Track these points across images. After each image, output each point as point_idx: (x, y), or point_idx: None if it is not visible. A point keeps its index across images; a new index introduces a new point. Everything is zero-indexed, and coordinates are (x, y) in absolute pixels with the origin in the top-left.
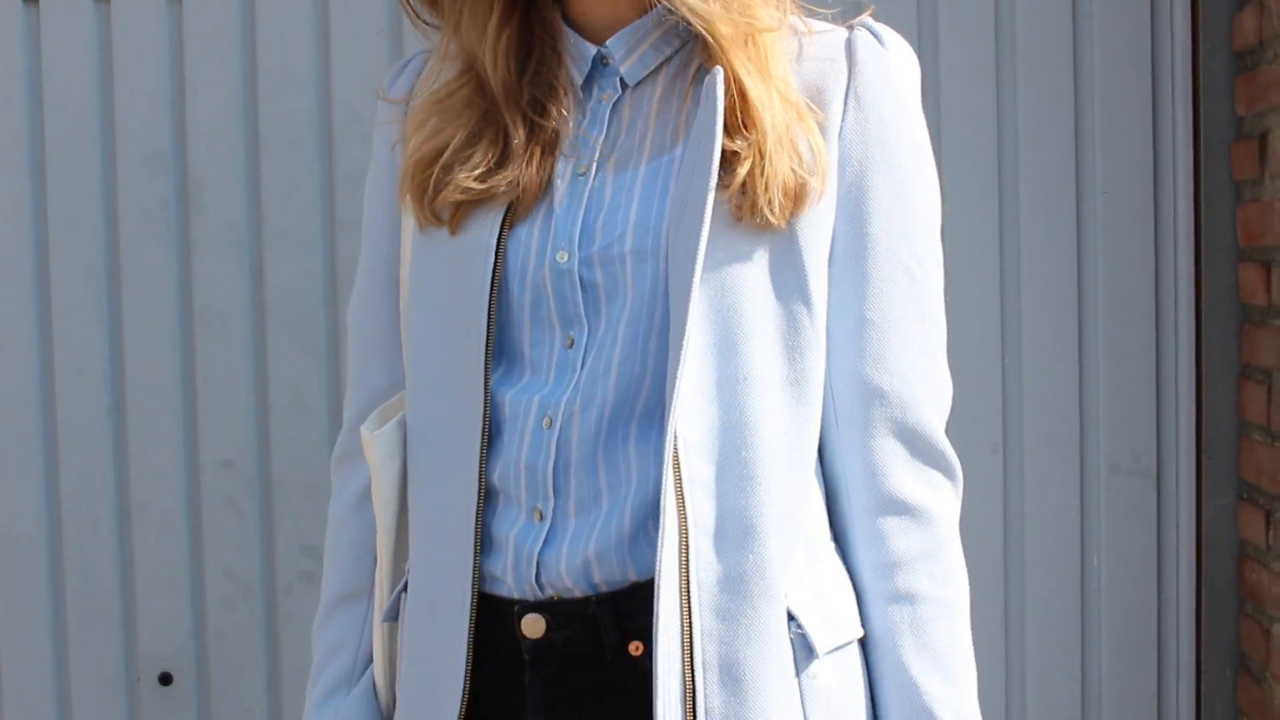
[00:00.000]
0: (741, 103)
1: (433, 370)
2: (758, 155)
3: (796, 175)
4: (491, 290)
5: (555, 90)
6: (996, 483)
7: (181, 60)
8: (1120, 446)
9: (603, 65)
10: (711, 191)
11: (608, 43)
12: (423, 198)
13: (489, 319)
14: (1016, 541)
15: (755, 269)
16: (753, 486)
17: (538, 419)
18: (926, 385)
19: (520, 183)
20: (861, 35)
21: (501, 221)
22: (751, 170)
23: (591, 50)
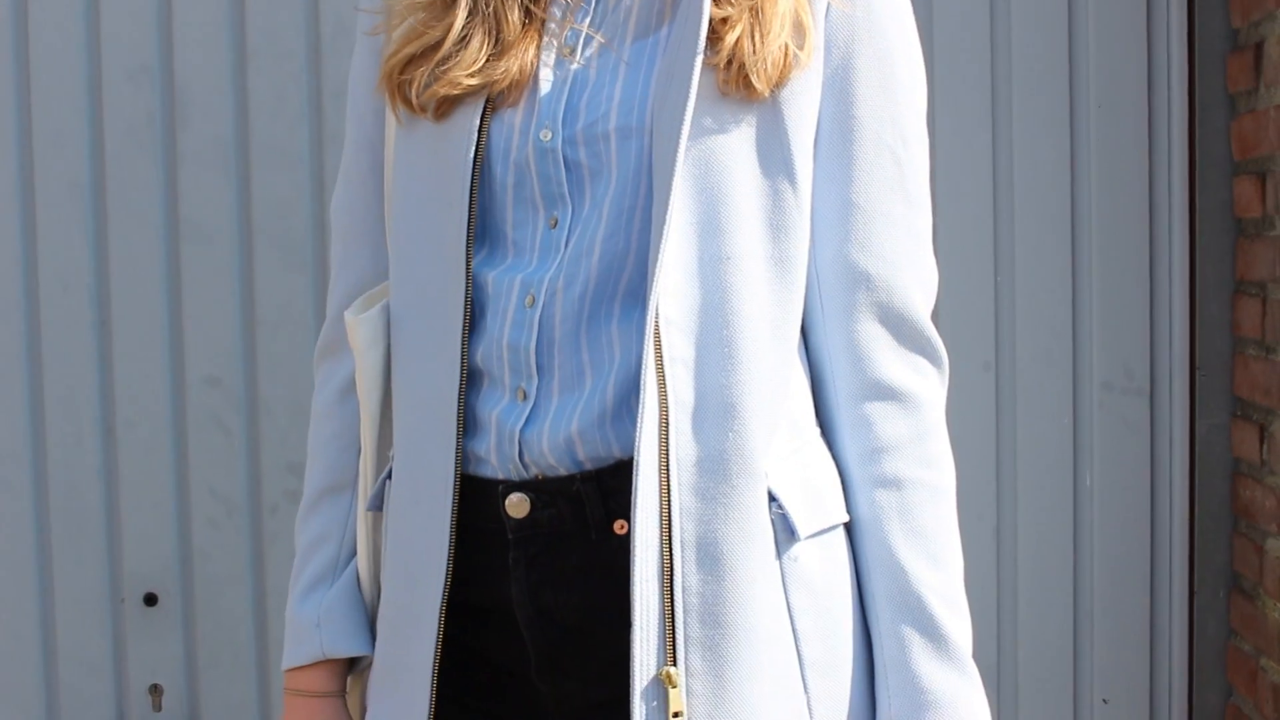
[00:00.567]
0: None
1: (415, 253)
2: (748, 18)
3: (784, 43)
4: (474, 171)
5: None
6: (989, 401)
7: None
8: (1113, 364)
9: None
10: (699, 59)
11: None
12: (410, 92)
13: (471, 200)
14: (1009, 460)
15: (741, 145)
16: (734, 365)
17: (520, 297)
18: (913, 270)
19: (510, 71)
20: None
21: (485, 105)
22: (740, 37)
23: None
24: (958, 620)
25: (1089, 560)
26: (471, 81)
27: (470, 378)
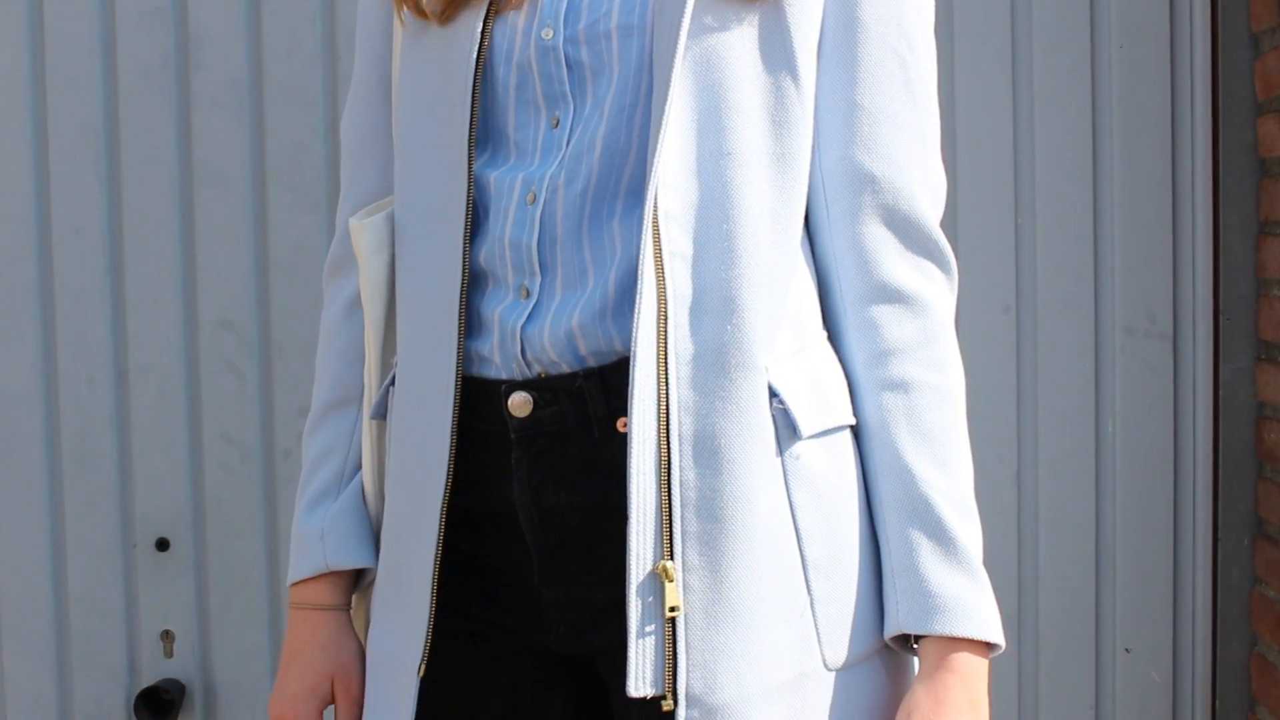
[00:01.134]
0: None
1: (419, 159)
2: None
3: None
4: (476, 73)
5: None
6: (1009, 345)
7: None
8: (1135, 308)
9: None
10: None
11: None
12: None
13: (473, 101)
14: (1030, 406)
15: (742, 42)
16: (733, 259)
17: (522, 195)
18: (919, 172)
19: None
20: None
21: (488, 8)
22: None
23: None
24: (967, 524)
25: (1111, 507)
26: None
27: (474, 280)
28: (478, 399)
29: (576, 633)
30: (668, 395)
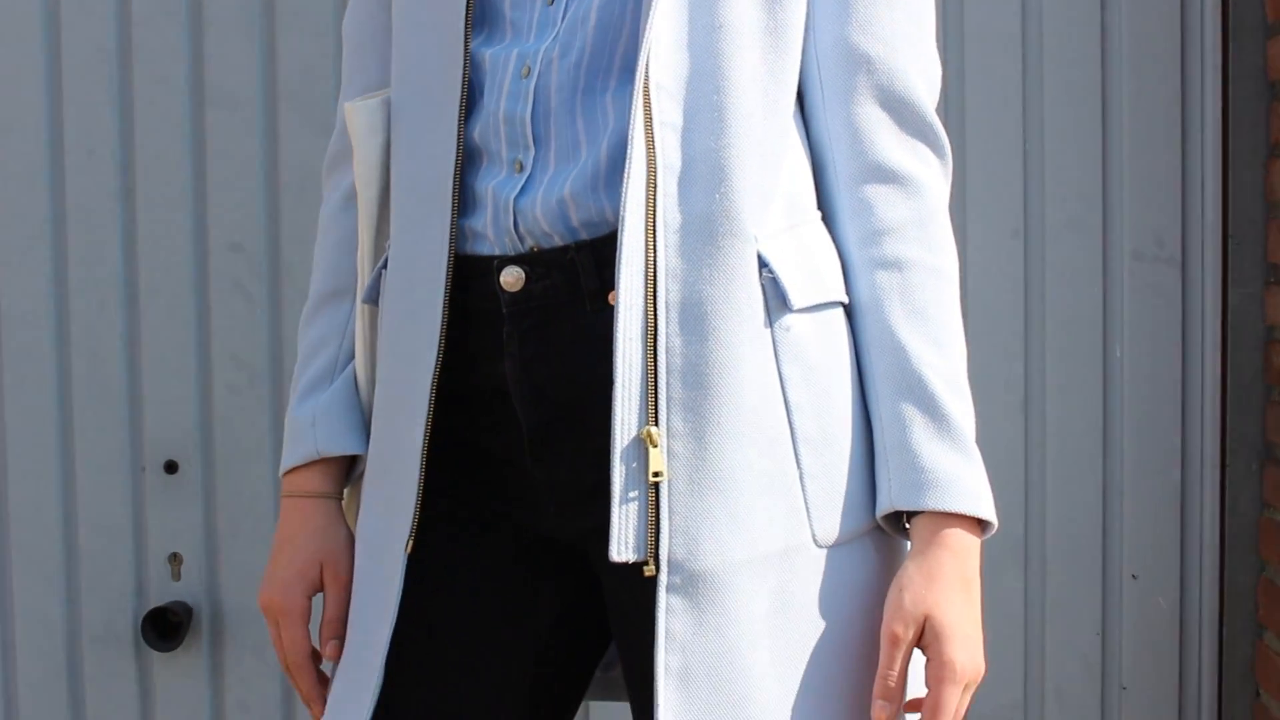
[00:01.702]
0: None
1: (416, 38)
2: None
3: None
4: None
5: None
6: (1017, 269)
7: None
8: (1144, 232)
9: None
10: None
11: None
12: None
13: None
14: (1037, 330)
15: None
16: (723, 129)
17: (516, 69)
18: (914, 54)
19: None
20: None
21: None
22: None
23: None
24: (960, 403)
25: (1118, 432)
26: None
27: (468, 158)
28: (470, 276)
29: (567, 515)
30: (655, 263)
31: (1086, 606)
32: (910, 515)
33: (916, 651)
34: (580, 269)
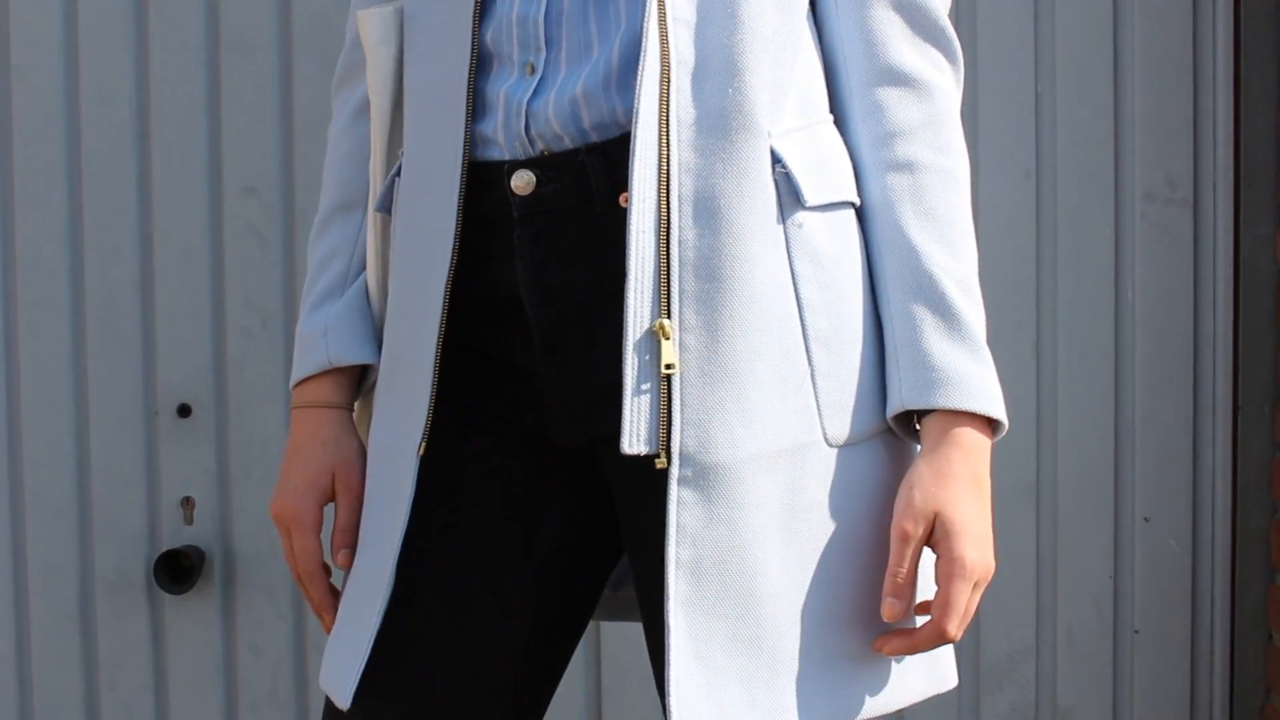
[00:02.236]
0: None
1: None
2: None
3: None
4: None
5: None
6: (1029, 212)
7: None
8: (1155, 174)
9: None
10: None
11: None
12: None
13: None
14: (1049, 273)
15: None
16: (736, 25)
17: None
18: None
19: None
20: None
21: None
22: None
23: None
24: (971, 303)
25: (1130, 375)
26: None
27: (481, 63)
28: (481, 183)
29: (577, 421)
30: (669, 157)
31: (1098, 550)
32: (921, 416)
33: (927, 553)
34: (591, 171)
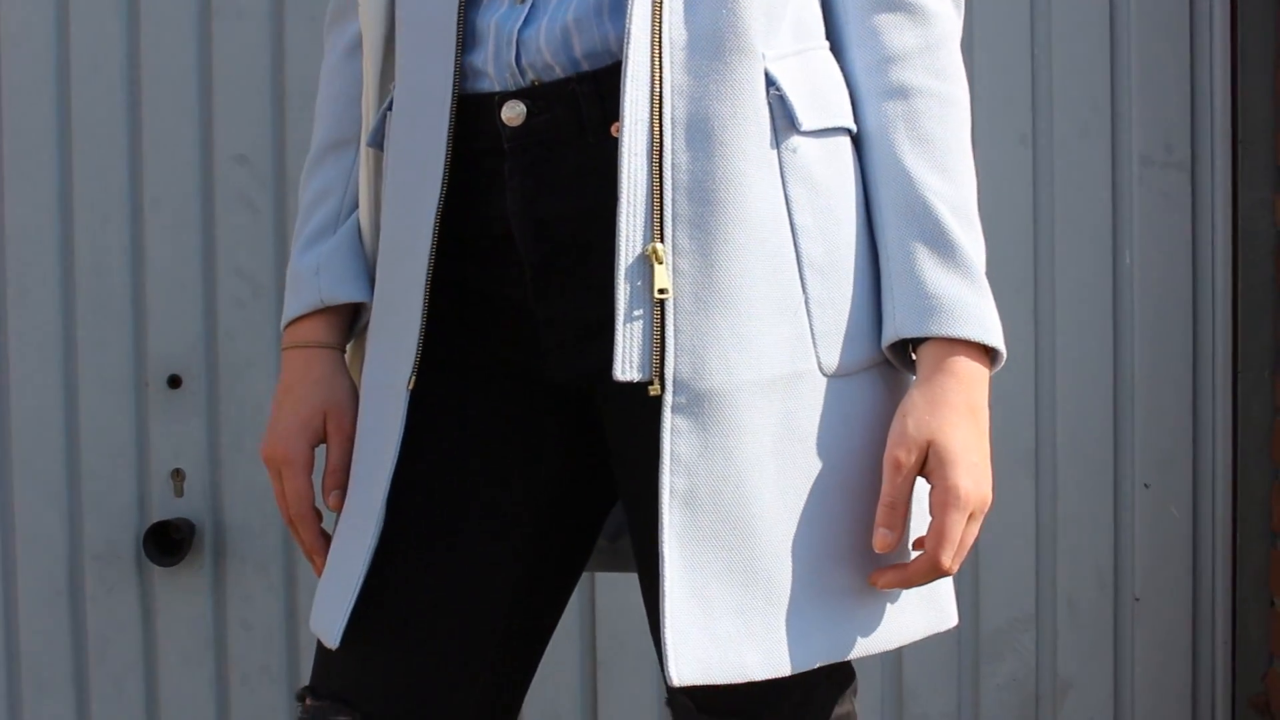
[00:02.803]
0: None
1: None
2: None
3: None
4: None
5: None
6: (1025, 176)
7: None
8: (1153, 137)
9: None
10: None
11: None
12: None
13: None
14: (1046, 238)
15: None
16: None
17: None
18: None
19: None
20: None
21: None
22: None
23: None
24: (967, 230)
25: (1129, 340)
26: None
27: None
28: (472, 116)
29: (569, 355)
30: (661, 80)
31: (1098, 517)
32: (916, 346)
33: (923, 489)
34: (582, 100)
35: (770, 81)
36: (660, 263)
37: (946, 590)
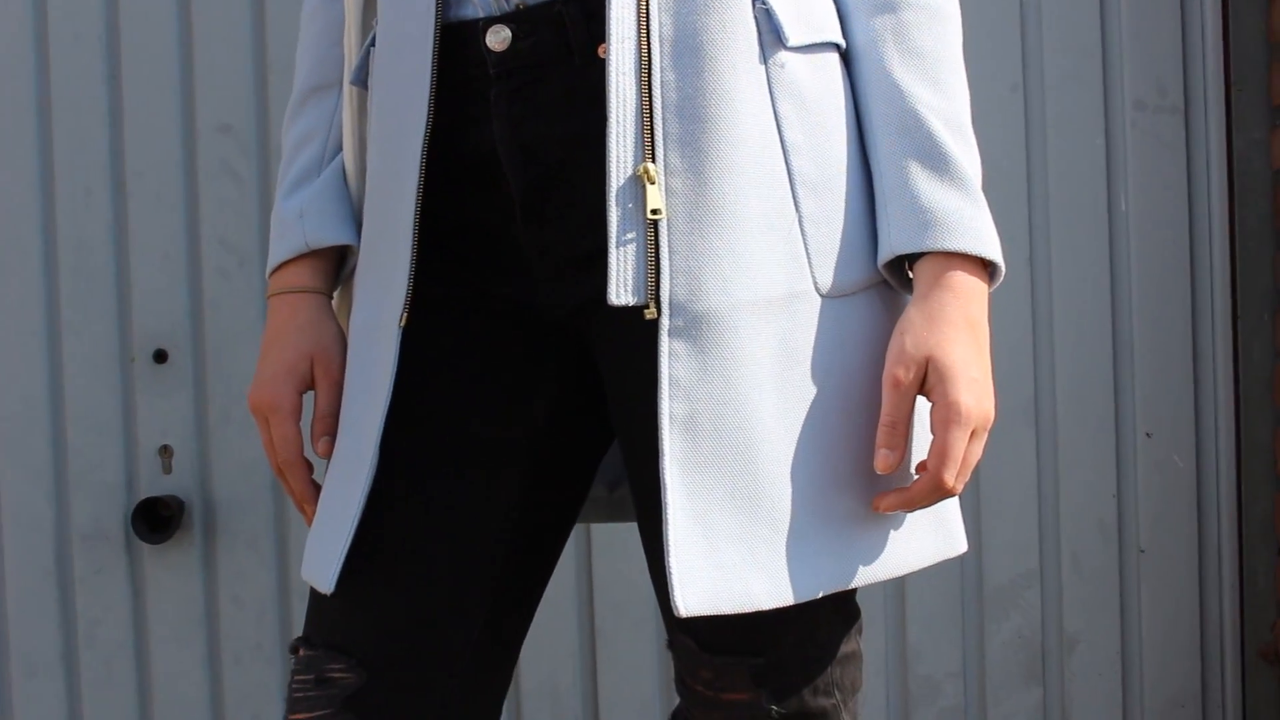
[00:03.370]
0: None
1: None
2: None
3: None
4: None
5: None
6: (1018, 124)
7: None
8: (1145, 81)
9: None
10: None
11: None
12: None
13: None
14: (1040, 185)
15: None
16: None
17: None
18: None
19: None
20: None
21: None
22: None
23: None
24: (961, 143)
25: (1126, 288)
26: None
27: None
28: (457, 44)
29: (561, 285)
30: None
31: (1101, 469)
32: (913, 263)
33: (925, 412)
34: (568, 22)
35: None
36: (652, 183)
37: (954, 515)
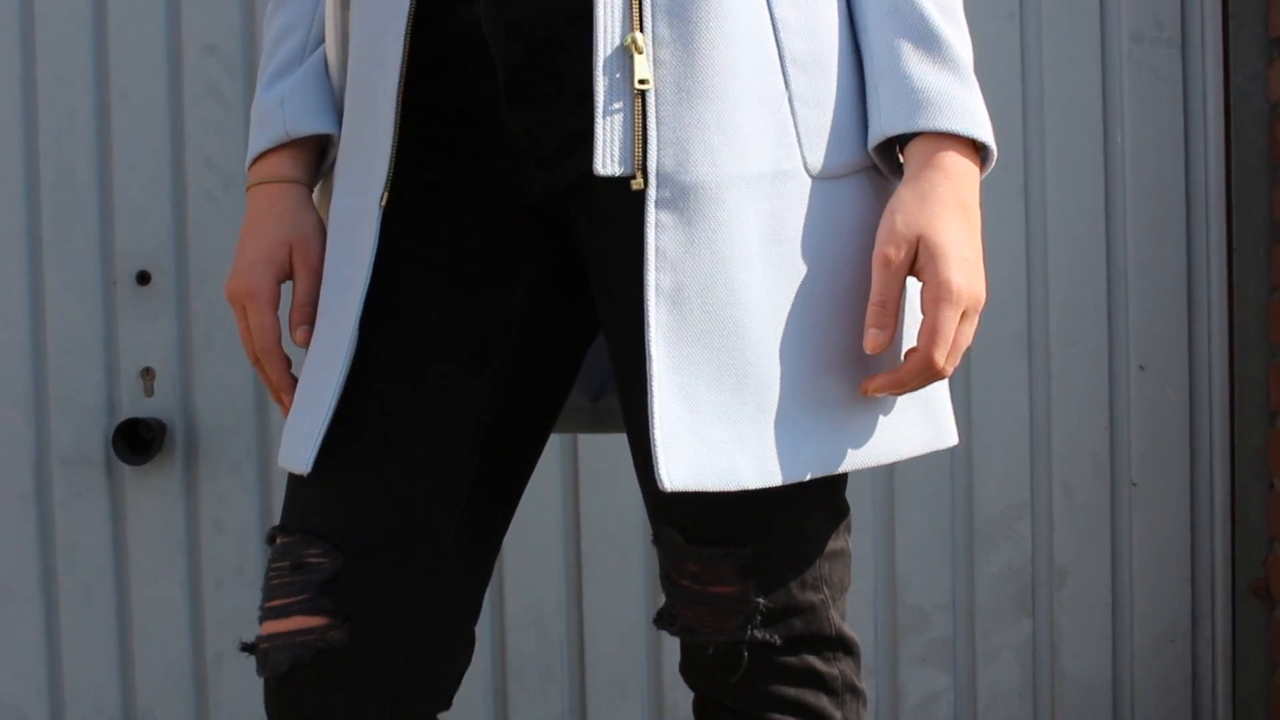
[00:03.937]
0: None
1: None
2: None
3: None
4: None
5: None
6: (1013, 55)
7: None
8: (1142, 13)
9: None
10: None
11: None
12: None
13: None
14: (1035, 117)
15: None
16: None
17: None
18: None
19: None
20: None
21: None
22: None
23: None
24: (952, 25)
25: (1121, 220)
26: None
27: None
28: None
29: (546, 168)
30: None
31: (1093, 401)
32: (904, 146)
33: (915, 304)
34: None
35: None
36: (640, 53)
37: (944, 406)
